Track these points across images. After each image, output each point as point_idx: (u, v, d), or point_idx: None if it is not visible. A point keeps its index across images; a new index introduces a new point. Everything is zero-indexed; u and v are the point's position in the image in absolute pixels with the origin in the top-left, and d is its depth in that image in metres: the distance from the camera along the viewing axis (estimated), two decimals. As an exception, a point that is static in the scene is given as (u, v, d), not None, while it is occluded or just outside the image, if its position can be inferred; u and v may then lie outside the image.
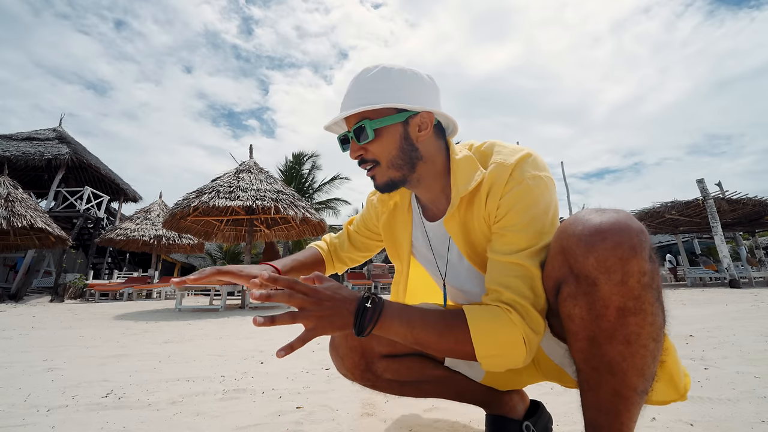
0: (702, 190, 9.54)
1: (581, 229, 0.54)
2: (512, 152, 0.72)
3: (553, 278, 0.60)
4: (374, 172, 0.76)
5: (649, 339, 0.53)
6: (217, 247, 20.21)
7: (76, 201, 13.28)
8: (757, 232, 13.16)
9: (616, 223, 0.53)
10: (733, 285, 8.41)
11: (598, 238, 0.52)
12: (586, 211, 0.57)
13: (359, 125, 0.73)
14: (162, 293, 11.82)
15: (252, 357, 2.28)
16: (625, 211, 0.55)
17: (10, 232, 9.35)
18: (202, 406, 1.34)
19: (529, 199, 0.66)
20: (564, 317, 0.59)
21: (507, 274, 0.64)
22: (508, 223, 0.67)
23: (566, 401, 1.25)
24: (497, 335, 0.60)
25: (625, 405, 0.56)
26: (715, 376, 1.50)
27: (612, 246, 0.51)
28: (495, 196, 0.69)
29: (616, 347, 0.54)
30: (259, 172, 7.67)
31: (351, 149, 0.76)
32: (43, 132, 14.46)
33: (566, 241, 0.56)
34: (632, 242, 0.51)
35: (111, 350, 2.64)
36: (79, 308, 7.49)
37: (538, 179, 0.68)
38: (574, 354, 0.60)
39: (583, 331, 0.56)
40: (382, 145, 0.74)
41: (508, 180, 0.68)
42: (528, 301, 0.62)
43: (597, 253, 0.52)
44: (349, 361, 0.84)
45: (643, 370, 0.55)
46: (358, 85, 0.74)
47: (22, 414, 1.30)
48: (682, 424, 1.04)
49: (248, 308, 6.58)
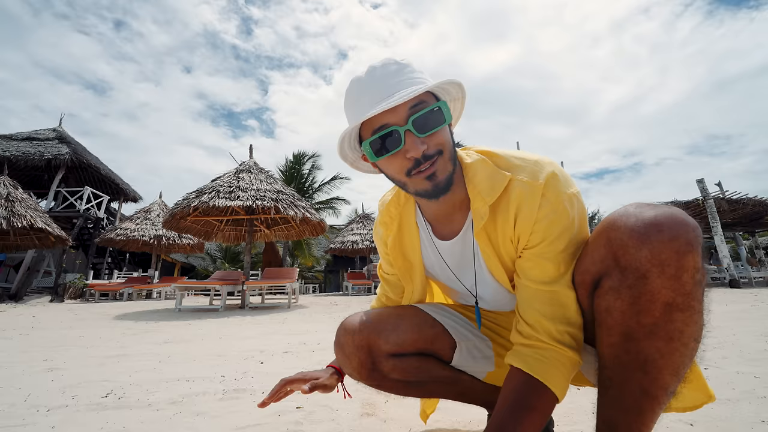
0: (702, 190, 9.54)
1: (634, 221, 0.52)
2: (537, 168, 0.66)
3: (592, 272, 0.59)
4: (436, 165, 0.64)
5: (691, 338, 0.52)
6: (217, 247, 20.22)
7: (76, 201, 13.28)
8: (757, 232, 13.17)
9: (672, 216, 0.51)
10: (733, 285, 8.42)
11: (653, 230, 0.50)
12: (635, 205, 0.56)
13: (430, 109, 0.62)
14: (162, 293, 11.82)
15: (252, 357, 2.28)
16: (678, 208, 0.53)
17: (10, 232, 9.35)
18: (202, 406, 1.34)
19: (566, 223, 0.64)
20: (600, 311, 0.58)
21: (549, 303, 0.64)
22: (545, 250, 0.64)
23: (567, 401, 1.25)
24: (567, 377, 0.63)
25: (651, 405, 0.55)
26: (715, 376, 1.50)
27: (669, 239, 0.50)
28: (528, 219, 0.65)
29: (654, 344, 0.53)
30: (259, 172, 7.67)
31: (408, 147, 0.62)
32: (43, 132, 14.46)
33: (615, 232, 0.54)
34: (689, 237, 0.49)
35: (111, 350, 2.64)
36: (79, 308, 7.48)
37: (572, 199, 0.65)
38: (603, 349, 0.59)
39: (620, 326, 0.55)
40: (446, 133, 0.65)
41: (541, 203, 0.64)
42: (570, 325, 0.63)
43: (652, 245, 0.50)
44: (356, 360, 0.80)
45: (677, 370, 0.54)
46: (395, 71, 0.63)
47: (22, 414, 1.30)
48: (682, 424, 1.04)
49: (248, 308, 6.58)
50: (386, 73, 0.63)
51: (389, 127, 0.62)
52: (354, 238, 14.32)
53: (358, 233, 14.52)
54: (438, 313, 0.86)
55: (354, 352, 0.80)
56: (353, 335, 0.80)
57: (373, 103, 0.62)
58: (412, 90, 0.60)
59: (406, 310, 0.86)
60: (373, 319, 0.81)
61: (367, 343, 0.80)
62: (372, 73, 0.64)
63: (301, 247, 17.25)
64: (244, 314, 5.53)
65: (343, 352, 0.82)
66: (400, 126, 0.62)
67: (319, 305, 7.24)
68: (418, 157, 0.62)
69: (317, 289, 16.30)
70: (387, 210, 0.86)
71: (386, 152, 0.64)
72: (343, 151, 0.71)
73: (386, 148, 0.63)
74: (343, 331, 0.81)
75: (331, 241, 16.03)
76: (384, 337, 0.79)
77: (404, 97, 0.58)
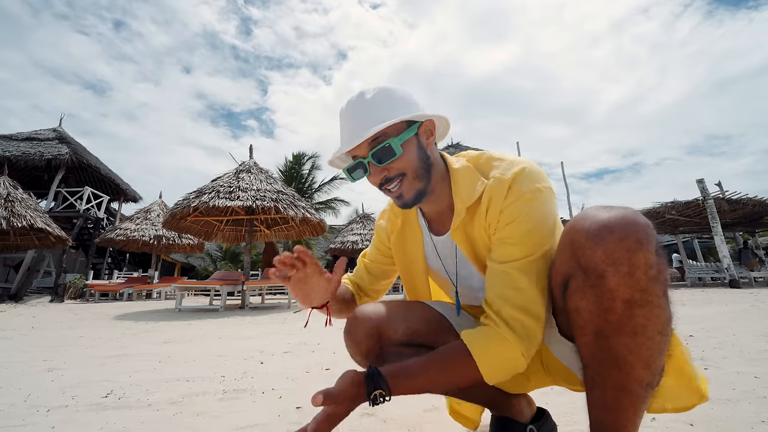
0: (702, 190, 9.54)
1: (589, 224, 0.56)
2: (509, 166, 0.74)
3: (561, 273, 0.62)
4: (401, 188, 0.76)
5: (655, 332, 0.54)
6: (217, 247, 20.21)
7: (76, 201, 13.29)
8: (757, 232, 13.16)
9: (623, 217, 0.54)
10: (733, 285, 8.41)
11: (605, 231, 0.54)
12: (593, 208, 0.59)
13: (382, 146, 0.73)
14: (162, 293, 11.83)
15: (252, 357, 2.28)
16: (632, 208, 0.56)
17: (10, 232, 9.35)
18: (202, 406, 1.34)
19: (527, 212, 0.70)
20: (571, 311, 0.60)
21: (505, 285, 0.69)
22: (506, 234, 0.71)
23: (566, 401, 1.25)
24: (499, 359, 0.66)
25: (630, 400, 0.57)
26: (715, 376, 1.51)
27: (619, 239, 0.53)
28: (495, 209, 0.73)
29: (622, 340, 0.55)
30: (259, 172, 7.68)
31: (372, 174, 0.76)
32: (43, 132, 14.48)
33: (575, 235, 0.57)
34: (638, 235, 0.52)
35: (111, 350, 2.64)
36: (79, 308, 7.49)
37: (536, 192, 0.71)
38: (581, 348, 0.61)
39: (591, 325, 0.57)
40: (407, 158, 0.75)
41: (507, 194, 0.71)
42: (524, 313, 0.66)
43: (605, 245, 0.53)
44: (365, 346, 0.82)
45: (648, 363, 0.55)
46: (361, 109, 0.75)
47: (22, 414, 1.30)
48: (681, 424, 1.04)
49: (248, 308, 6.58)
50: (355, 112, 0.75)
51: (358, 158, 0.77)
52: (354, 239, 14.32)
53: (358, 233, 14.52)
54: (444, 310, 0.89)
55: (364, 339, 0.82)
56: (364, 323, 0.82)
57: (344, 140, 0.77)
58: (368, 132, 0.71)
59: (414, 305, 0.90)
60: (384, 310, 0.84)
61: (377, 331, 0.82)
62: (348, 107, 0.77)
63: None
64: (244, 314, 5.54)
65: (352, 339, 0.84)
66: (365, 158, 0.76)
67: (319, 305, 7.23)
68: (381, 182, 0.77)
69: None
70: (392, 207, 0.95)
71: (359, 177, 0.80)
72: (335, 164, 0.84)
73: (359, 174, 0.79)
74: (354, 319, 0.83)
75: (331, 241, 16.04)
76: (393, 327, 0.82)
77: (356, 141, 0.72)
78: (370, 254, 1.04)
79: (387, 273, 1.03)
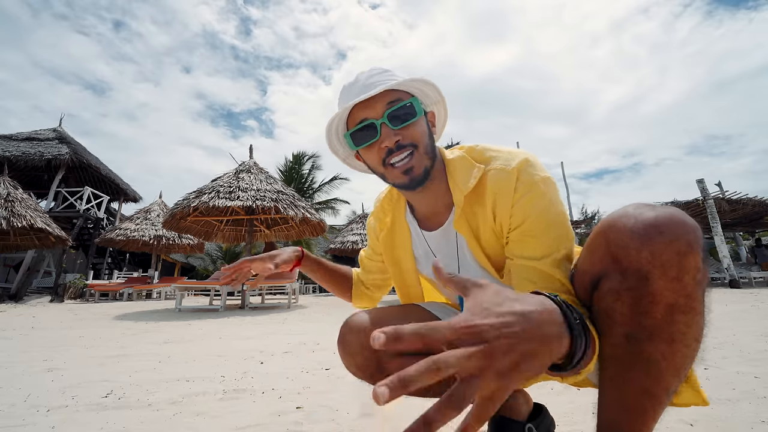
0: (702, 190, 9.54)
1: (634, 222, 0.52)
2: (510, 156, 0.71)
3: (591, 273, 0.59)
4: (412, 161, 0.71)
5: (693, 339, 0.52)
6: (217, 247, 20.21)
7: (76, 201, 13.28)
8: (757, 232, 13.17)
9: (672, 217, 0.50)
10: (733, 285, 8.42)
11: (654, 231, 0.50)
12: (634, 206, 0.55)
13: (404, 104, 0.70)
14: (162, 293, 11.83)
15: (252, 357, 2.28)
16: (676, 208, 0.53)
17: (10, 232, 9.35)
18: (202, 406, 1.34)
19: (543, 202, 0.67)
20: (600, 312, 0.57)
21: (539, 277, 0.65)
22: (528, 228, 0.67)
23: (566, 401, 1.25)
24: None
25: (653, 405, 0.55)
26: (715, 376, 1.50)
27: (669, 240, 0.49)
28: (505, 204, 0.69)
29: (657, 346, 0.52)
30: (259, 172, 7.68)
31: (383, 138, 0.70)
32: (43, 132, 14.47)
33: (615, 234, 0.53)
34: (689, 237, 0.49)
35: (111, 350, 2.64)
36: (79, 308, 7.48)
37: (547, 181, 0.68)
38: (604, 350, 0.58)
39: (621, 328, 0.55)
40: (421, 127, 0.72)
41: (516, 186, 0.68)
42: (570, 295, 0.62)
43: (652, 246, 0.50)
44: (360, 359, 0.78)
45: (679, 371, 0.53)
46: (376, 73, 0.72)
47: (22, 414, 1.30)
48: (682, 424, 1.04)
49: (248, 308, 6.58)
50: (368, 76, 0.72)
51: (367, 120, 0.71)
52: (354, 239, 14.31)
53: (358, 233, 14.50)
54: (441, 313, 0.87)
55: (359, 350, 0.78)
56: (358, 333, 0.78)
57: (353, 98, 0.71)
58: (387, 84, 0.68)
59: (411, 308, 0.87)
60: (379, 318, 0.81)
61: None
62: (357, 77, 0.74)
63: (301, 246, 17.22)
64: (244, 314, 5.54)
65: (346, 350, 0.80)
66: (377, 119, 0.70)
67: (319, 305, 7.24)
68: (392, 147, 0.70)
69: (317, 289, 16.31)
70: (381, 206, 0.93)
71: (364, 142, 0.72)
72: (332, 144, 0.79)
73: (365, 138, 0.72)
74: (348, 330, 0.80)
75: (330, 241, 16.03)
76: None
77: (378, 90, 0.67)
78: (367, 251, 1.04)
79: (382, 269, 1.02)
